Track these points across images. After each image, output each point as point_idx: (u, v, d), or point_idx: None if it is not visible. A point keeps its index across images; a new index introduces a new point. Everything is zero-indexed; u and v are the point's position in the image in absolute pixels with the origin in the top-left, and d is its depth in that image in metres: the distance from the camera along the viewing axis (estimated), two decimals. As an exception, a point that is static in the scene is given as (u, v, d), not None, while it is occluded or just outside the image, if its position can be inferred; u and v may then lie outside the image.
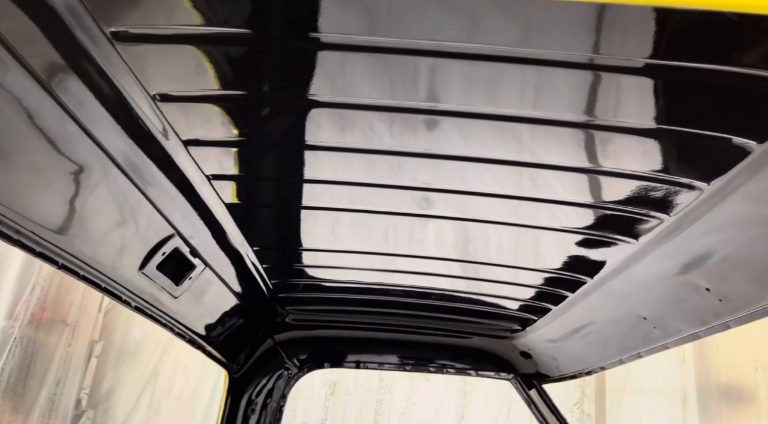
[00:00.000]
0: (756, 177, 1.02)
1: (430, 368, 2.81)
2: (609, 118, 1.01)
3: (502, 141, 1.15)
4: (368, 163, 1.30)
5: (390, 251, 1.87)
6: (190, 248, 1.59)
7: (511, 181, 1.31)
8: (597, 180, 1.26)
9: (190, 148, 1.20)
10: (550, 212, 1.44)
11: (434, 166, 1.28)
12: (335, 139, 1.20)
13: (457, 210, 1.50)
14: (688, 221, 1.24)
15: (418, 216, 1.56)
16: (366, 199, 1.49)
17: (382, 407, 5.07)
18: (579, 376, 2.51)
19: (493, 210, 1.48)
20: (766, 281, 1.23)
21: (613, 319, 1.91)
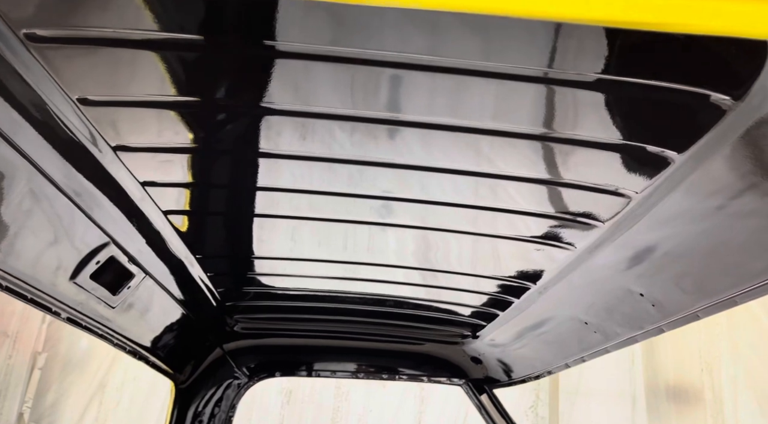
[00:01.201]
0: (679, 187, 1.05)
1: (382, 376, 2.80)
2: (558, 129, 1.03)
3: (462, 151, 1.15)
4: (328, 172, 1.28)
5: (347, 259, 1.86)
6: (128, 257, 1.54)
7: (468, 191, 1.33)
8: (543, 189, 1.28)
9: (121, 154, 1.16)
10: (501, 221, 1.46)
11: (395, 175, 1.28)
12: (294, 147, 1.19)
13: (415, 219, 1.51)
14: (620, 228, 1.28)
15: (377, 224, 1.56)
16: (324, 208, 1.48)
17: (338, 414, 5.03)
18: (527, 380, 2.55)
19: (449, 219, 1.48)
20: (693, 287, 1.27)
21: (556, 324, 1.95)
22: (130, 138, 1.14)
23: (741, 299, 1.16)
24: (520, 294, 1.94)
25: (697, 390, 5.20)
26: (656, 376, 5.45)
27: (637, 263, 1.34)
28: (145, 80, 0.99)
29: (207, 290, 2.07)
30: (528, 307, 1.99)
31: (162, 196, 1.38)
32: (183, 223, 1.56)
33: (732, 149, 0.90)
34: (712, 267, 1.18)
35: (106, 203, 1.30)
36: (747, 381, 4.89)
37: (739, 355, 4.98)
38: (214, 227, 1.72)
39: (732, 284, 1.15)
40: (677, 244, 1.19)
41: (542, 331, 2.08)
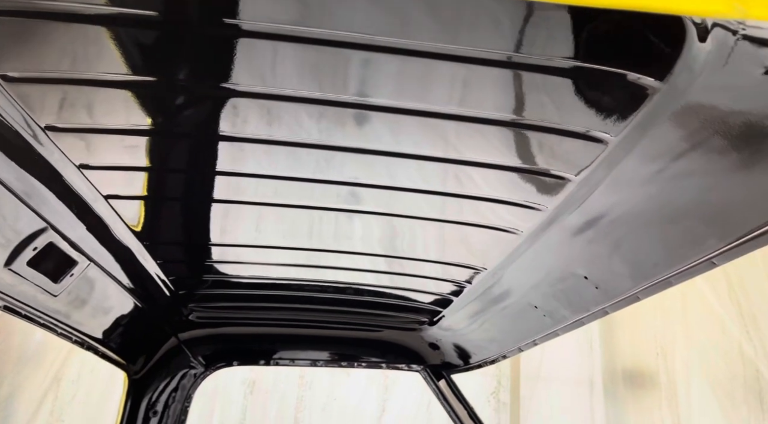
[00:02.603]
0: (615, 169, 1.07)
1: (341, 363, 2.80)
2: (503, 111, 1.03)
3: (429, 137, 1.15)
4: (294, 157, 1.26)
5: (310, 246, 1.84)
6: (69, 243, 1.49)
7: (431, 176, 1.32)
8: (490, 174, 1.29)
9: (51, 134, 1.12)
10: (454, 206, 1.46)
11: (362, 161, 1.27)
12: (258, 131, 1.16)
13: (381, 205, 1.50)
14: (562, 211, 1.30)
15: (342, 211, 1.55)
16: (289, 194, 1.45)
17: (302, 403, 5.02)
18: (483, 365, 2.59)
19: (413, 205, 1.48)
20: (632, 269, 1.30)
21: (507, 308, 1.98)
22: (63, 118, 1.10)
23: (675, 279, 1.20)
24: (472, 279, 1.96)
25: (652, 374, 5.35)
26: (614, 361, 5.59)
27: (579, 246, 1.37)
28: (81, 56, 0.95)
29: (158, 278, 2.02)
30: (480, 292, 2.02)
31: (103, 180, 1.34)
32: (128, 208, 1.52)
33: (663, 130, 0.92)
34: (648, 249, 1.21)
35: (40, 188, 1.25)
36: (699, 364, 5.06)
37: (692, 339, 5.14)
38: (164, 213, 1.68)
39: (666, 266, 1.18)
40: (615, 226, 1.21)
41: (495, 316, 2.11)
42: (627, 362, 5.57)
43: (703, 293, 5.09)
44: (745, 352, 4.82)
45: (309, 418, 4.97)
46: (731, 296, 4.92)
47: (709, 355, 5.04)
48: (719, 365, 4.96)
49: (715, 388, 4.95)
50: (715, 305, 5.04)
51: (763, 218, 0.90)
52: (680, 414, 5.02)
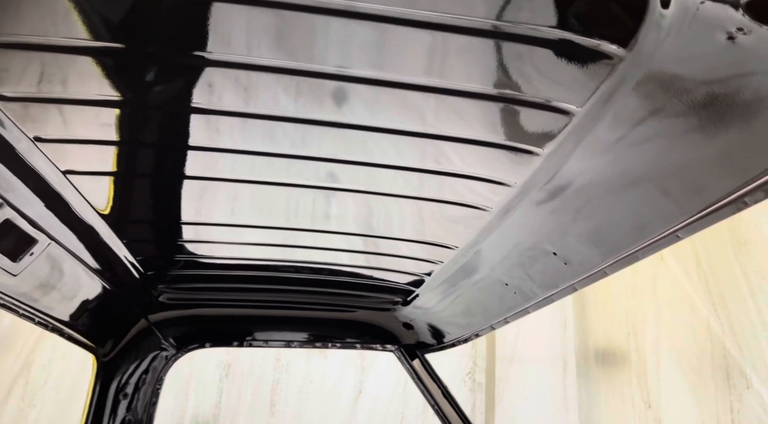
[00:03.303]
0: (583, 141, 1.07)
1: (316, 344, 2.80)
2: (478, 84, 1.01)
3: (402, 109, 1.12)
4: (270, 132, 1.23)
5: (285, 225, 1.81)
6: (27, 220, 1.44)
7: (408, 152, 1.30)
8: (460, 149, 1.27)
9: (1, 104, 1.07)
10: (429, 183, 1.44)
11: (339, 136, 1.23)
12: (232, 104, 1.12)
13: (358, 182, 1.47)
14: (531, 187, 1.29)
15: (319, 188, 1.52)
16: (264, 170, 1.42)
17: (279, 386, 5.01)
18: (457, 344, 2.60)
19: (390, 182, 1.46)
20: (599, 245, 1.30)
21: (479, 287, 1.98)
22: (15, 87, 1.05)
23: (641, 254, 1.21)
24: (444, 258, 1.95)
25: (623, 352, 5.47)
26: (586, 340, 5.70)
27: (547, 221, 1.37)
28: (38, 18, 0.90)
29: (125, 259, 1.98)
30: (452, 271, 2.02)
31: (60, 154, 1.29)
32: (89, 185, 1.47)
33: (629, 99, 0.91)
34: (615, 224, 1.21)
35: None
36: (668, 342, 5.18)
37: (662, 318, 5.25)
38: (130, 191, 1.62)
39: (632, 240, 1.19)
40: (583, 201, 1.21)
41: (467, 294, 2.12)
42: (599, 342, 5.67)
43: (674, 273, 5.19)
44: (712, 329, 4.95)
45: (285, 400, 4.98)
46: (700, 275, 5.03)
47: (678, 333, 5.16)
48: (688, 342, 5.08)
49: (683, 365, 5.08)
50: (685, 285, 5.15)
51: (725, 190, 0.91)
52: (650, 391, 5.15)
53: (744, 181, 0.86)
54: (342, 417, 5.03)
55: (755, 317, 4.67)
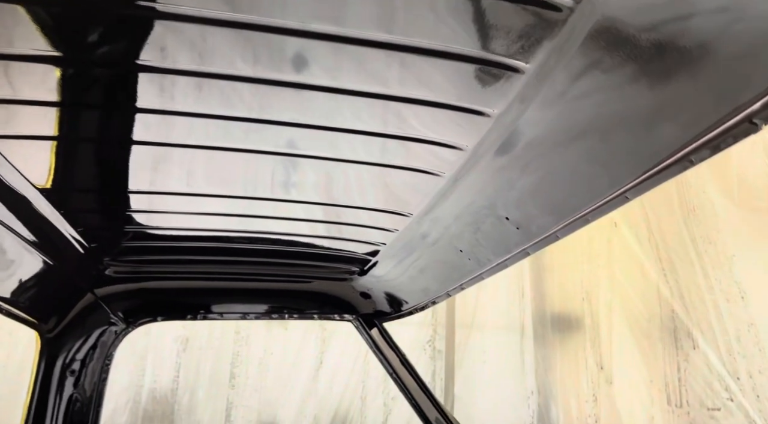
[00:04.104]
0: (534, 101, 1.04)
1: (272, 315, 2.76)
2: (429, 40, 0.96)
3: (367, 70, 1.07)
4: (228, 94, 1.15)
5: (241, 194, 1.75)
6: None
7: (363, 115, 1.25)
8: (419, 110, 1.23)
9: None
10: (386, 146, 1.40)
11: (301, 99, 1.17)
12: (184, 62, 1.04)
13: (318, 148, 1.41)
14: (482, 151, 1.27)
15: (278, 155, 1.45)
16: (221, 136, 1.34)
17: (239, 359, 4.98)
18: (414, 312, 2.60)
19: (347, 148, 1.41)
20: (550, 208, 1.30)
21: (434, 253, 1.97)
22: None
23: (592, 216, 1.21)
24: (400, 226, 1.93)
25: (578, 317, 5.63)
26: (543, 306, 5.84)
27: (499, 186, 1.35)
28: None
29: (65, 231, 1.88)
30: (408, 238, 2.00)
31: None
32: (17, 149, 1.37)
33: (580, 55, 0.89)
34: (565, 187, 1.20)
35: None
36: (621, 307, 5.35)
37: (615, 283, 5.42)
38: (69, 158, 1.50)
39: (582, 203, 1.18)
40: (534, 164, 1.20)
41: (422, 262, 2.11)
42: (555, 307, 5.82)
43: (626, 239, 5.34)
44: (662, 293, 5.13)
45: (245, 373, 4.95)
46: (651, 241, 5.18)
47: (630, 297, 5.34)
48: (638, 306, 5.26)
49: (633, 328, 5.27)
50: (637, 251, 5.31)
51: (672, 148, 0.90)
52: (602, 353, 5.34)
53: (689, 139, 0.85)
54: (303, 388, 5.05)
55: (702, 280, 4.86)
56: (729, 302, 4.69)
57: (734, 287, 4.68)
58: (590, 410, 5.28)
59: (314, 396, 5.05)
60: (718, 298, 4.75)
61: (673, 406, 4.90)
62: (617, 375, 5.22)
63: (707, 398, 4.68)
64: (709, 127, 0.81)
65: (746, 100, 0.74)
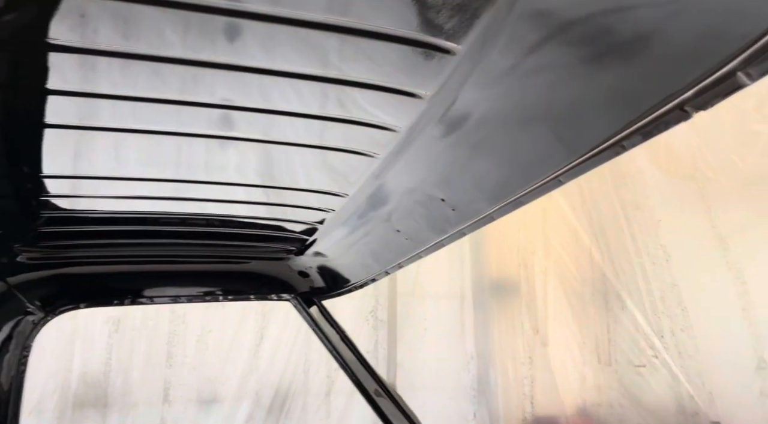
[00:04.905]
0: (467, 82, 1.00)
1: (206, 298, 2.66)
2: (357, 20, 0.89)
3: (298, 53, 1.01)
4: (156, 75, 1.07)
5: (171, 177, 1.65)
6: None
7: (303, 97, 1.19)
8: (355, 93, 1.17)
9: None
10: (322, 129, 1.34)
11: (235, 80, 1.10)
12: (108, 41, 0.94)
13: (255, 130, 1.34)
14: (416, 132, 1.22)
15: (212, 137, 1.37)
16: (151, 118, 1.26)
17: (175, 338, 4.84)
18: (354, 289, 2.57)
19: (282, 128, 1.34)
20: (486, 191, 1.28)
21: (371, 233, 1.93)
22: None
23: (526, 199, 1.20)
24: (336, 206, 1.88)
25: (514, 283, 5.80)
26: (482, 273, 5.97)
27: (434, 167, 1.32)
28: None
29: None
30: (345, 218, 1.95)
31: None
32: None
33: (511, 39, 0.84)
34: (500, 170, 1.19)
35: None
36: (555, 272, 5.54)
37: (550, 250, 5.59)
38: None
39: (517, 186, 1.17)
40: (467, 147, 1.16)
41: (360, 241, 2.07)
42: (494, 274, 5.97)
43: (561, 207, 5.50)
44: (594, 258, 5.34)
45: (183, 352, 4.83)
46: (584, 208, 5.36)
47: (564, 262, 5.53)
48: (572, 271, 5.47)
49: (567, 292, 5.48)
50: (571, 218, 5.48)
51: (605, 134, 0.88)
52: (537, 317, 5.54)
53: (622, 126, 0.84)
54: (244, 365, 4.98)
55: (630, 245, 5.09)
56: (655, 264, 4.94)
57: (660, 251, 4.92)
58: (526, 372, 5.49)
59: (256, 372, 5.00)
60: (644, 261, 5.00)
61: (603, 364, 5.16)
62: (551, 337, 5.44)
63: (634, 355, 4.95)
64: (641, 114, 0.80)
65: (678, 89, 0.73)
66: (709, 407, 4.54)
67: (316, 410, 5.11)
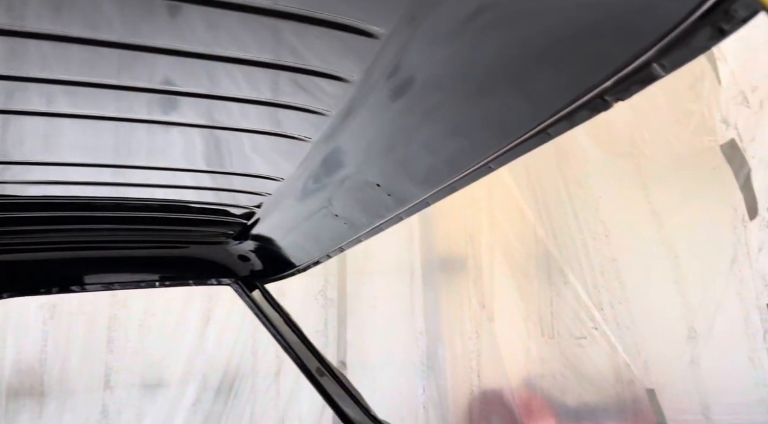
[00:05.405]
0: (388, 73, 0.98)
1: (141, 284, 2.57)
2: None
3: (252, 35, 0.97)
4: (91, 56, 1.01)
5: (103, 162, 1.58)
6: None
7: (237, 81, 1.14)
8: (276, 76, 1.12)
9: None
10: (253, 113, 1.31)
11: (176, 63, 1.05)
12: (37, 21, 0.88)
13: (194, 115, 1.30)
14: (347, 117, 1.20)
15: (149, 122, 1.32)
16: (87, 102, 1.19)
17: (116, 322, 4.68)
18: (296, 273, 2.54)
19: (219, 113, 1.30)
20: (419, 178, 1.28)
21: (311, 217, 1.90)
22: None
23: (458, 185, 1.20)
24: (272, 190, 1.84)
25: (462, 259, 5.89)
26: (431, 250, 6.03)
27: (367, 153, 1.30)
28: None
29: None
30: (282, 202, 1.92)
31: None
32: None
33: (433, 27, 0.82)
34: (432, 158, 1.18)
35: None
36: (501, 248, 5.65)
37: (496, 226, 5.69)
38: None
39: (449, 174, 1.17)
40: (398, 136, 1.15)
41: (299, 225, 2.04)
42: (441, 250, 6.04)
43: (507, 184, 5.58)
44: (538, 234, 5.47)
45: (125, 336, 4.68)
46: (529, 185, 5.46)
47: (509, 239, 5.64)
48: (517, 247, 5.59)
49: (512, 267, 5.60)
50: (516, 195, 5.58)
51: (531, 122, 0.89)
52: (484, 293, 5.65)
53: (547, 115, 0.85)
54: (189, 347, 4.88)
55: (572, 221, 5.23)
56: (595, 240, 5.11)
57: (600, 227, 5.09)
58: (473, 347, 5.62)
59: (202, 354, 4.91)
60: (586, 237, 5.15)
61: (546, 337, 5.34)
62: (497, 312, 5.57)
63: (575, 328, 5.14)
64: (564, 104, 0.81)
65: (598, 80, 0.74)
66: (644, 375, 4.77)
67: (266, 390, 5.09)
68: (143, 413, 4.66)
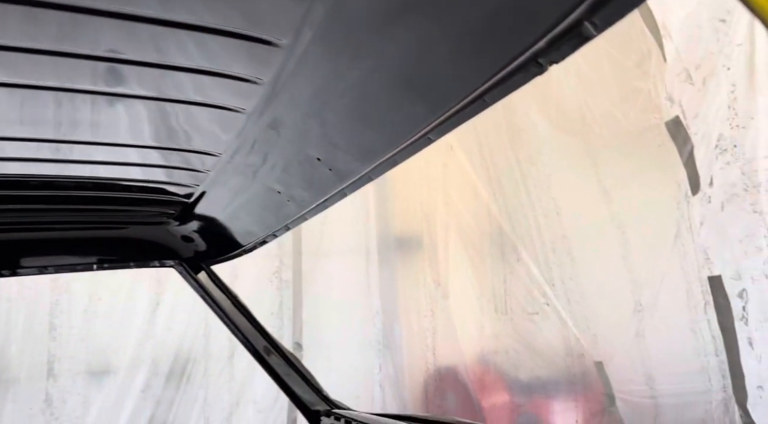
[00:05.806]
0: (318, 29, 0.92)
1: (77, 268, 2.45)
2: None
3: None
4: (29, 21, 0.93)
5: (35, 136, 1.48)
6: None
7: (172, 48, 1.07)
8: (216, 42, 1.05)
9: None
10: (187, 82, 1.23)
11: (123, 29, 0.97)
12: None
13: (136, 85, 1.23)
14: (280, 86, 1.14)
15: (86, 92, 1.25)
16: (25, 70, 1.11)
17: (58, 308, 4.49)
18: (243, 253, 2.47)
19: (155, 83, 1.22)
20: (358, 152, 1.24)
21: (254, 195, 1.84)
22: None
23: (399, 158, 1.17)
24: (211, 167, 1.76)
25: (418, 238, 5.89)
26: (387, 229, 6.01)
27: (303, 125, 1.24)
28: None
29: None
30: (223, 180, 1.84)
31: None
32: None
33: (344, 16, 0.78)
34: (367, 131, 1.15)
35: None
36: (455, 226, 5.68)
37: (451, 204, 5.71)
38: None
39: (388, 146, 1.13)
40: (332, 110, 1.11)
41: (242, 203, 1.97)
42: (397, 229, 6.03)
43: (461, 162, 5.59)
44: (492, 212, 5.52)
45: (68, 323, 4.50)
46: (482, 163, 5.48)
47: (464, 217, 5.67)
48: (471, 225, 5.63)
49: (467, 245, 5.65)
50: (470, 173, 5.60)
51: (466, 89, 0.85)
52: (439, 271, 5.68)
53: (482, 81, 0.83)
54: (138, 332, 4.74)
55: (525, 199, 5.29)
56: (547, 217, 5.18)
57: (551, 204, 5.16)
58: (428, 324, 5.67)
59: (152, 339, 4.77)
60: (538, 214, 5.22)
61: (499, 314, 5.42)
62: (452, 290, 5.62)
63: (528, 304, 5.23)
64: (498, 68, 0.79)
65: (530, 41, 0.72)
66: (593, 348, 4.91)
67: (219, 373, 5.00)
68: (89, 401, 4.51)
